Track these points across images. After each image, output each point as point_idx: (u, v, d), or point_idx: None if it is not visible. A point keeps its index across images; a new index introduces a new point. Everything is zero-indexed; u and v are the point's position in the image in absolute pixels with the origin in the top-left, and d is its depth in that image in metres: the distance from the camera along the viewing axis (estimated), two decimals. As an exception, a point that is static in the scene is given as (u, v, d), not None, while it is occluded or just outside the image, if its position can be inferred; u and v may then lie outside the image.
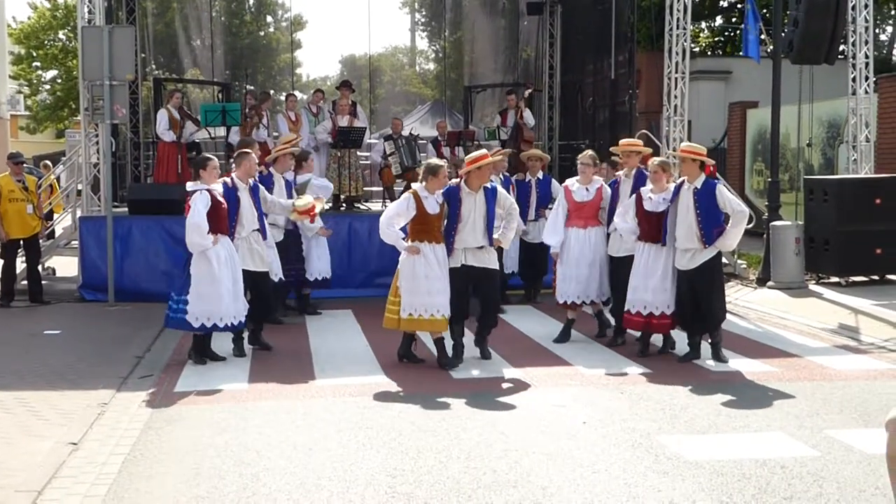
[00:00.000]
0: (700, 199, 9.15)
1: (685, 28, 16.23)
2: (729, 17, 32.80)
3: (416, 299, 9.04)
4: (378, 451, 6.44)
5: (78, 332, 11.16)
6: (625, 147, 10.48)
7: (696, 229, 9.15)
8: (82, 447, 6.63)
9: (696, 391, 8.14)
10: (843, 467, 6.04)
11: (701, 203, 9.13)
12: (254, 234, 9.83)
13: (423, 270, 9.02)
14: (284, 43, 36.68)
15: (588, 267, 10.37)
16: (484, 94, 21.17)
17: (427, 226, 9.10)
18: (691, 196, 9.20)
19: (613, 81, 17.27)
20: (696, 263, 9.24)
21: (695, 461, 6.17)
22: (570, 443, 6.62)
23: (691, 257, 9.26)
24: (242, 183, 9.73)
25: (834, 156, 19.70)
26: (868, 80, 15.50)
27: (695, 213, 9.14)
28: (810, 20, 14.15)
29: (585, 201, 10.44)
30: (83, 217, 14.03)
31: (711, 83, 25.96)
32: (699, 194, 9.16)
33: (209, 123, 15.12)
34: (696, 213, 9.14)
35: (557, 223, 10.50)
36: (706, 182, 9.24)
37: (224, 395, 8.16)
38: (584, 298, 10.43)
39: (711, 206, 9.15)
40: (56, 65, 38.03)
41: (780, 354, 9.77)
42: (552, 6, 20.03)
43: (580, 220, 10.47)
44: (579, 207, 10.45)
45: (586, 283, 10.38)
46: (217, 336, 9.51)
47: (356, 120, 15.93)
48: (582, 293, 10.41)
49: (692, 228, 9.17)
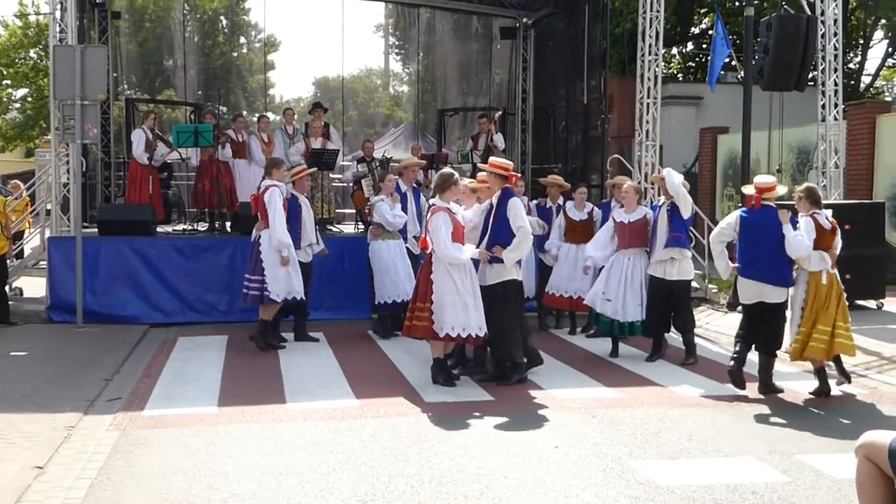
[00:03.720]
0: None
1: (657, 54, 16.38)
2: (700, 43, 33.09)
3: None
4: (349, 476, 6.39)
5: (45, 354, 11.02)
6: (489, 167, 9.82)
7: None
8: (48, 471, 6.53)
9: (668, 416, 8.14)
10: (814, 493, 6.06)
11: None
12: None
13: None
14: (258, 64, 36.57)
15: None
16: (456, 116, 21.24)
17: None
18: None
19: (586, 106, 17.38)
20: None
21: (666, 486, 6.16)
22: (541, 467, 6.60)
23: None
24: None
25: (804, 181, 19.89)
26: (837, 106, 15.68)
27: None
28: (780, 48, 14.32)
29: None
30: (52, 237, 13.89)
31: (683, 108, 26.16)
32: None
33: (181, 144, 15.04)
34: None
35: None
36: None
37: (193, 418, 8.08)
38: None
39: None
40: (27, 83, 37.74)
41: (750, 379, 9.78)
42: (525, 31, 20.17)
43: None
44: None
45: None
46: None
47: (329, 142, 15.92)
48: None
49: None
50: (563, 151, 18.34)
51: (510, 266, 9.39)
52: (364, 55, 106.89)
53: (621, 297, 10.70)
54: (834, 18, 15.53)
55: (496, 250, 9.29)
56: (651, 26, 16.26)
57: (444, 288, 9.08)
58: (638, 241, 10.77)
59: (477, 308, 9.18)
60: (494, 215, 9.39)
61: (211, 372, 10.08)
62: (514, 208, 9.31)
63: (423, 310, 9.14)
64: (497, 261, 9.32)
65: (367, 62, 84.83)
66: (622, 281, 10.71)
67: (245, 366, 10.12)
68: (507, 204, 9.32)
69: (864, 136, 18.22)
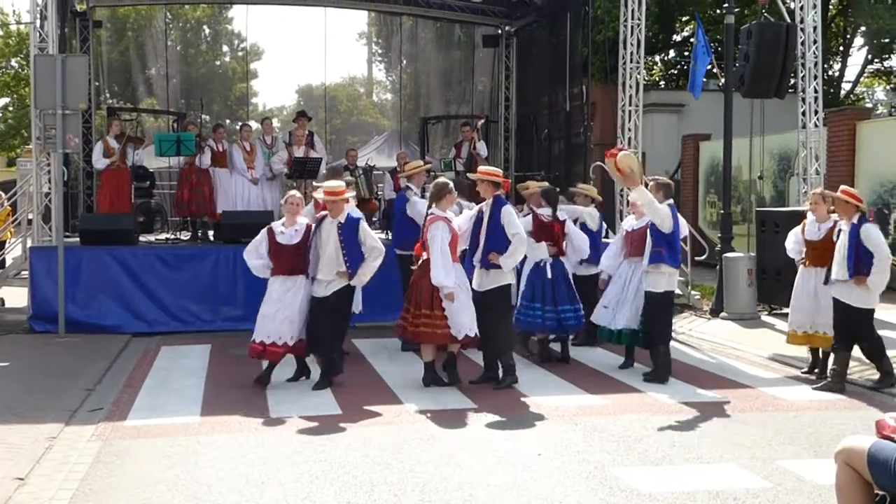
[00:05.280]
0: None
1: (639, 62, 16.46)
2: (682, 50, 33.24)
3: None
4: (332, 485, 6.38)
5: (27, 364, 10.97)
6: (479, 175, 10.00)
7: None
8: (29, 482, 6.49)
9: (650, 423, 8.16)
10: (795, 498, 6.09)
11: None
12: None
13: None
14: (240, 72, 36.56)
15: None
16: (439, 124, 21.26)
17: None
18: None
19: (568, 114, 17.43)
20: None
21: (648, 493, 6.18)
22: (524, 474, 6.61)
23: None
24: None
25: (785, 188, 20.00)
26: (817, 113, 15.79)
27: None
28: (761, 55, 14.41)
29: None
30: (34, 247, 13.83)
31: (665, 116, 26.24)
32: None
33: (164, 153, 15.04)
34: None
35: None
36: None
37: (176, 428, 8.05)
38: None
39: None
40: (8, 92, 37.59)
41: (732, 385, 9.85)
42: (507, 39, 20.23)
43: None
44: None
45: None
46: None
47: (312, 150, 15.92)
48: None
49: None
50: (546, 159, 18.38)
51: (507, 272, 9.64)
52: (347, 63, 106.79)
53: (614, 304, 10.61)
54: (813, 26, 15.64)
55: (492, 257, 9.49)
56: (633, 34, 16.35)
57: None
58: (640, 250, 10.43)
59: (471, 307, 9.55)
60: (488, 223, 9.61)
61: (194, 381, 10.04)
62: (508, 215, 9.58)
63: (435, 317, 9.35)
64: (494, 267, 9.53)
65: (351, 70, 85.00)
66: (623, 289, 10.58)
67: (228, 375, 10.10)
68: (500, 211, 9.56)
69: (845, 143, 18.32)
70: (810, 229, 10.15)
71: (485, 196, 9.78)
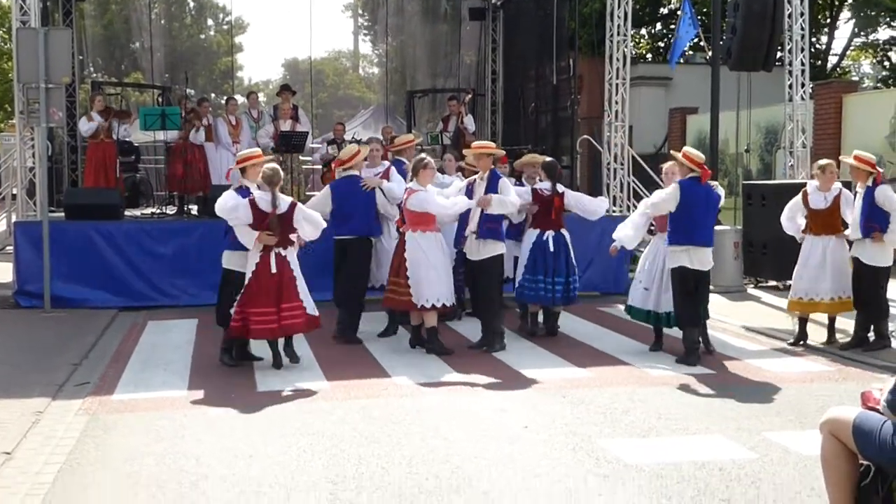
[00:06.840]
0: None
1: (626, 35, 16.41)
2: (669, 23, 33.19)
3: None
4: (319, 458, 6.39)
5: (12, 339, 10.94)
6: (476, 150, 10.26)
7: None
8: (15, 456, 6.48)
9: (637, 395, 8.19)
10: (780, 469, 6.13)
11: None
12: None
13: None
14: (225, 46, 36.27)
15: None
16: (426, 98, 21.18)
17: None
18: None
19: (555, 87, 17.39)
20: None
21: (635, 464, 6.21)
22: (511, 447, 6.63)
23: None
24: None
25: (772, 161, 20.06)
26: (804, 86, 15.80)
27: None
28: (748, 28, 14.41)
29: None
30: (18, 222, 13.74)
31: (652, 89, 26.24)
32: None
33: (149, 127, 14.94)
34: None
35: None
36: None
37: (163, 402, 8.05)
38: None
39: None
40: (-10, 66, 37.26)
41: (719, 357, 9.88)
42: (494, 12, 20.15)
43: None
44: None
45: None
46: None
47: (298, 124, 15.86)
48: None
49: None
50: (534, 133, 18.34)
51: (500, 241, 10.11)
52: (333, 37, 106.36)
53: (656, 287, 10.06)
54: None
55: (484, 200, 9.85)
56: (620, 7, 16.29)
57: (417, 262, 9.77)
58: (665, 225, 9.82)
59: (448, 278, 10.00)
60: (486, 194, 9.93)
61: (180, 355, 10.04)
62: (506, 186, 10.03)
63: (399, 284, 9.84)
64: (490, 236, 9.91)
65: (337, 44, 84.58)
66: (663, 270, 9.96)
67: (215, 349, 10.07)
68: (497, 182, 9.98)
69: (831, 116, 18.38)
70: (815, 199, 10.21)
71: (482, 169, 10.09)
